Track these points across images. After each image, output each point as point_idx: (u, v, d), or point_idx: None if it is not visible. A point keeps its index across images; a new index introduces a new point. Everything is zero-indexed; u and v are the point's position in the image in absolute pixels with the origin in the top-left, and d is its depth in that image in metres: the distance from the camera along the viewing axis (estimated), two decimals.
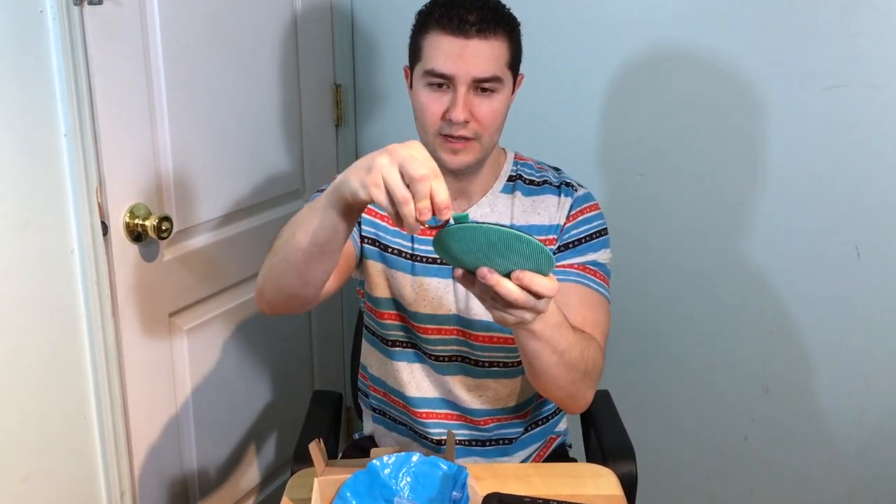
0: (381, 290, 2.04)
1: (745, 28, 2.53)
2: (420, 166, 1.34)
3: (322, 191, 1.99)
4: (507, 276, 1.41)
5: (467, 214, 1.40)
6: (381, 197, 1.37)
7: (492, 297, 1.45)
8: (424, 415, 2.07)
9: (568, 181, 2.03)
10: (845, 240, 2.57)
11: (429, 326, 2.01)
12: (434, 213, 1.35)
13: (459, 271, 1.46)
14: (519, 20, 1.89)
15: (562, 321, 1.63)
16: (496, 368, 2.02)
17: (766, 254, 2.67)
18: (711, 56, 2.58)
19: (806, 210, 2.59)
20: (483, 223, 1.36)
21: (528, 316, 1.47)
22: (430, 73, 1.81)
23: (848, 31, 2.43)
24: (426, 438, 2.09)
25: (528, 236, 1.36)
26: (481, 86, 1.81)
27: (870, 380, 2.64)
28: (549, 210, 1.99)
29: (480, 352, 2.01)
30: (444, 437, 2.06)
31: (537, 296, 1.42)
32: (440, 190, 1.34)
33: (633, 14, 2.65)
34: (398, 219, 1.38)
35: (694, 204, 2.72)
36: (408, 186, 1.35)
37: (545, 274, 1.41)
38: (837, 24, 2.44)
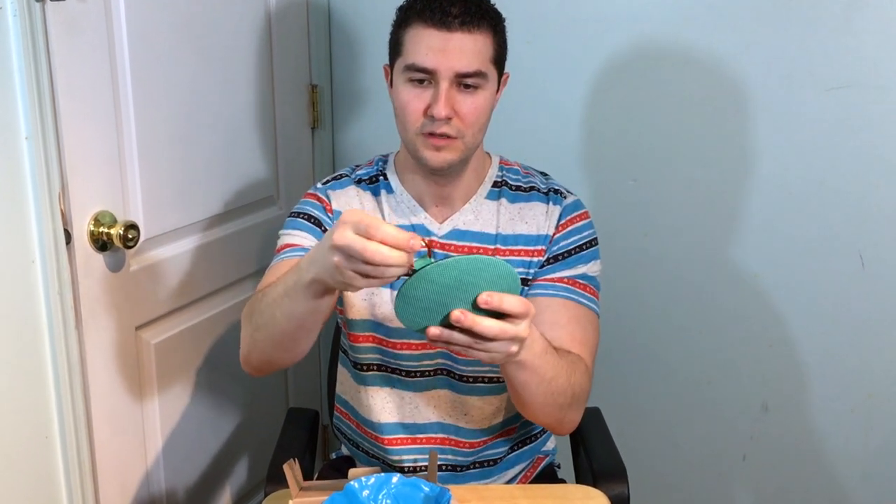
0: (356, 312, 2.04)
1: (743, 25, 2.54)
2: (353, 244, 1.39)
3: (295, 215, 2.03)
4: (477, 312, 1.45)
5: (427, 259, 1.44)
6: (363, 284, 1.45)
7: (474, 342, 1.48)
8: (396, 441, 2.08)
9: (556, 188, 2.05)
10: (849, 249, 2.58)
11: (412, 342, 2.01)
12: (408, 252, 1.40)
13: (436, 330, 1.48)
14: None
15: (546, 347, 1.67)
16: (481, 384, 2.03)
17: (765, 263, 2.68)
18: (707, 54, 2.59)
19: (807, 217, 2.60)
20: (439, 261, 1.42)
21: (513, 347, 1.50)
22: (412, 67, 1.83)
23: (852, 27, 2.44)
24: (400, 470, 2.08)
25: (492, 258, 1.43)
26: (464, 81, 1.82)
27: (875, 396, 2.65)
28: (537, 219, 2.00)
29: (464, 366, 2.01)
30: (418, 465, 2.08)
31: (511, 318, 1.46)
32: (390, 234, 1.39)
33: (624, 9, 2.65)
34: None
35: (689, 211, 2.72)
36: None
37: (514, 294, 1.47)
38: (841, 21, 2.44)
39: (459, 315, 1.43)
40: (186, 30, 2.37)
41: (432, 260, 1.41)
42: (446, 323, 1.46)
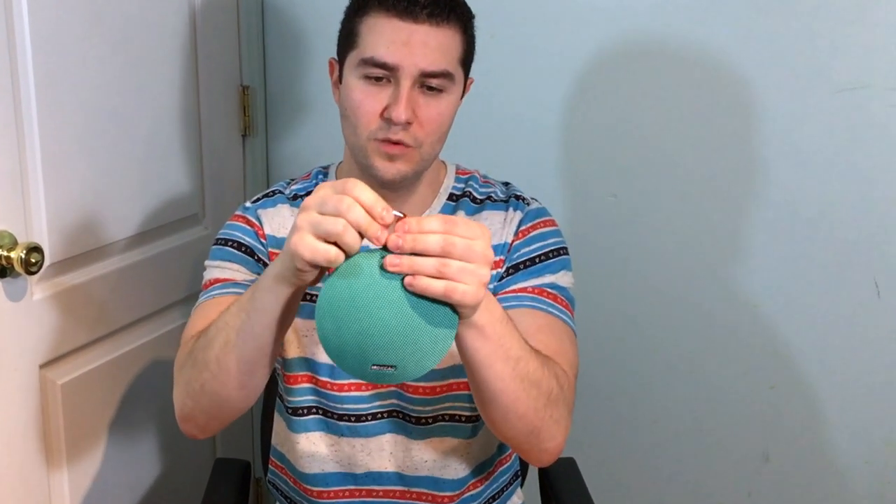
0: (293, 350, 2.06)
1: (741, 16, 2.56)
2: (329, 196, 1.40)
3: (222, 242, 2.03)
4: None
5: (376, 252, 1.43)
6: (308, 252, 1.41)
7: (440, 263, 1.41)
8: (342, 493, 2.11)
9: (518, 194, 2.08)
10: (862, 275, 2.59)
11: (361, 381, 2.02)
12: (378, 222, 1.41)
13: (397, 260, 1.42)
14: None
15: (505, 316, 1.63)
16: (437, 424, 2.05)
17: (767, 292, 2.70)
18: (701, 51, 2.62)
19: (815, 238, 2.62)
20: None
21: (483, 269, 1.43)
22: (369, 61, 1.83)
23: (866, 21, 2.47)
24: None
25: None
26: (428, 83, 1.84)
27: (892, 444, 2.67)
28: (493, 227, 2.02)
29: (419, 406, 2.02)
30: None
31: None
32: (364, 196, 1.39)
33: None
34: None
35: (678, 231, 2.74)
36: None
37: None
38: (854, 14, 2.47)
39: (394, 258, 1.40)
40: (98, 24, 2.38)
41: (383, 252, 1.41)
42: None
